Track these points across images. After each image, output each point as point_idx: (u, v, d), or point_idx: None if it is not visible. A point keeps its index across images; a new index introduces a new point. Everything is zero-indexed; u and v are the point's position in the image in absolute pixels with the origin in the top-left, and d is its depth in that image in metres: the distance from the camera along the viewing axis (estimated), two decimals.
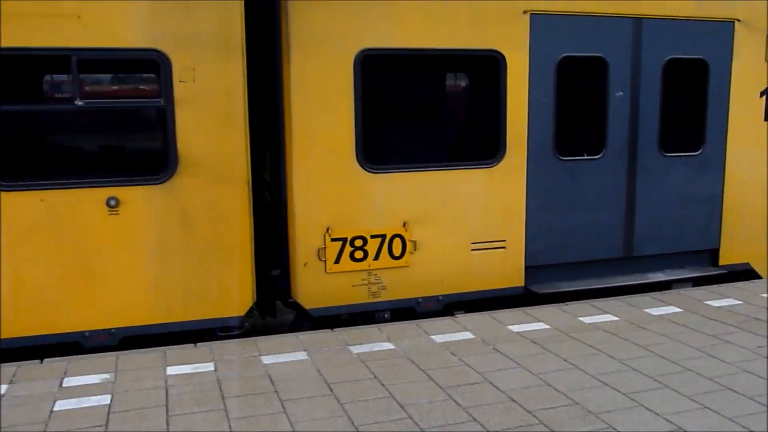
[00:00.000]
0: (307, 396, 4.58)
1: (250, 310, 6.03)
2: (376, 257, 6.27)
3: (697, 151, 7.30)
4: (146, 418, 4.26)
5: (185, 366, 5.10)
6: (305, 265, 6.09)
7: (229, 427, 4.13)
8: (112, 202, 5.49)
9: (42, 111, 5.84)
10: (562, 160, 6.76)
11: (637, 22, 6.84)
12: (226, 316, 5.91)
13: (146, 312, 5.71)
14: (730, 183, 7.49)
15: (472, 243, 6.57)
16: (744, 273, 7.73)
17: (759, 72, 7.41)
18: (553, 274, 6.99)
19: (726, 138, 7.38)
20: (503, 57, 6.37)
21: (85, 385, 4.76)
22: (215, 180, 5.72)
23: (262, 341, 5.61)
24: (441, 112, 6.82)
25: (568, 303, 6.56)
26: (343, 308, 6.27)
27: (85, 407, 4.41)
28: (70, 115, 5.49)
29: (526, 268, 6.82)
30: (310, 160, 5.96)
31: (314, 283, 6.14)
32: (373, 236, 6.23)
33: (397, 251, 6.32)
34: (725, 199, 7.51)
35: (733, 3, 7.16)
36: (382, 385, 4.75)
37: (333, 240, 6.12)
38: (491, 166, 6.50)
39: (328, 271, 6.14)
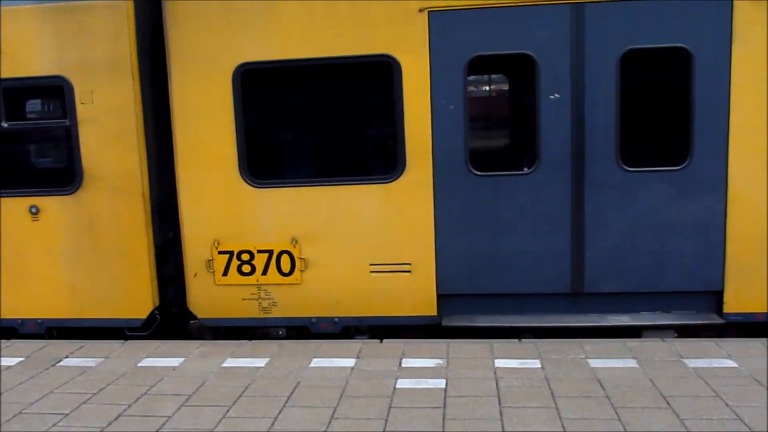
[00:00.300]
0: (642, 406, 4.40)
1: (152, 315, 6.46)
2: (264, 272, 6.20)
3: (680, 165, 5.69)
4: (480, 406, 4.46)
5: (512, 360, 5.25)
6: (195, 275, 6.32)
7: (563, 426, 4.13)
8: (33, 210, 6.39)
9: None
10: (479, 175, 5.85)
11: (578, 8, 5.59)
12: (130, 317, 6.43)
13: (66, 307, 6.51)
14: (739, 207, 5.67)
15: (371, 264, 6.08)
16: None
17: None
18: (479, 307, 6.10)
19: (727, 148, 5.61)
20: (397, 62, 5.77)
21: (421, 367, 5.16)
22: (115, 192, 6.27)
23: (588, 344, 5.54)
24: (330, 124, 6.38)
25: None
26: (235, 320, 6.34)
27: (423, 388, 4.77)
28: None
29: (441, 296, 6.07)
30: (196, 174, 6.16)
31: (205, 294, 6.33)
32: (260, 251, 6.18)
33: (285, 268, 6.17)
34: (730, 228, 5.71)
35: None
36: (727, 405, 4.39)
37: (220, 253, 6.23)
38: (389, 182, 5.94)
39: (217, 282, 6.28)
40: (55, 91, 6.26)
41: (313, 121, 6.38)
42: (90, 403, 4.82)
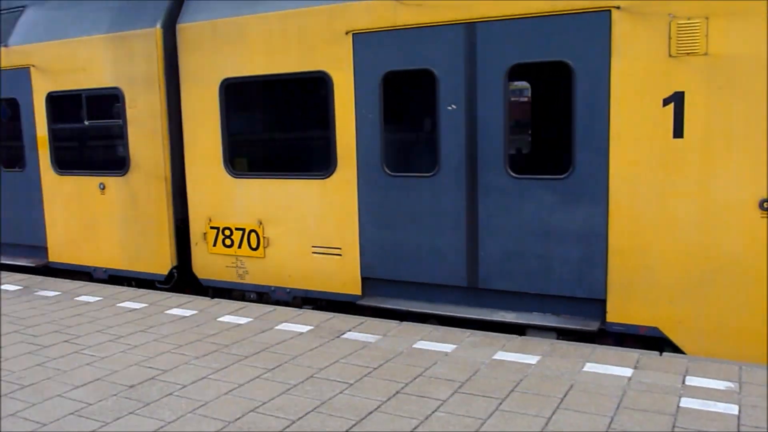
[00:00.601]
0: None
1: (171, 272, 8.32)
2: (239, 246, 7.70)
3: (562, 174, 5.92)
4: None
5: None
6: (196, 244, 8.03)
7: None
8: (101, 186, 8.63)
9: (70, 128, 9.16)
10: (391, 175, 6.67)
11: (470, 27, 6.11)
12: (156, 272, 8.39)
13: (119, 260, 8.69)
14: (620, 218, 5.74)
15: (312, 246, 7.24)
16: (655, 341, 5.78)
17: (661, 73, 5.43)
18: (396, 291, 6.91)
19: (608, 160, 5.71)
20: (330, 77, 6.82)
21: (709, 388, 4.74)
22: (148, 176, 8.24)
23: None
24: (286, 128, 7.50)
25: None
26: (221, 283, 7.93)
27: (712, 411, 4.37)
28: (83, 130, 8.82)
29: (364, 278, 7.01)
30: (196, 165, 7.86)
31: (202, 259, 8.02)
32: (237, 229, 7.69)
33: (254, 244, 7.60)
34: (612, 239, 5.79)
35: None
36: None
37: (211, 228, 7.87)
38: (325, 178, 7.03)
39: (209, 251, 7.93)
40: (115, 99, 8.38)
41: (272, 124, 7.67)
42: (371, 376, 5.08)
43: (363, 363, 5.37)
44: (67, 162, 8.97)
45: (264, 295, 7.74)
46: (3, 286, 8.34)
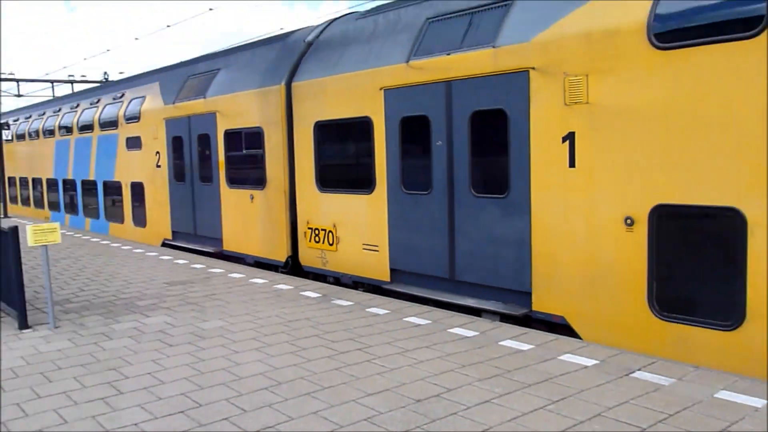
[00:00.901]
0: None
1: (287, 260, 11.52)
2: (322, 242, 10.59)
3: (503, 195, 7.76)
4: None
5: None
6: (300, 240, 11.13)
7: None
8: (251, 197, 12.21)
9: (236, 155, 12.71)
10: (406, 193, 9.01)
11: (448, 84, 8.24)
12: (279, 260, 11.67)
13: (260, 250, 12.17)
14: (538, 230, 7.42)
15: (363, 244, 9.84)
16: (565, 327, 7.32)
17: (560, 117, 7.06)
18: (411, 279, 9.19)
19: (529, 184, 7.44)
20: (371, 120, 9.42)
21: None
22: (276, 190, 11.59)
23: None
24: (349, 156, 10.07)
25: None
26: (313, 269, 10.90)
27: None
28: (242, 157, 12.42)
29: (392, 269, 9.42)
30: (300, 182, 10.97)
31: (304, 251, 11.08)
32: (321, 229, 10.60)
33: (331, 240, 10.44)
34: (534, 246, 7.48)
35: (527, 53, 7.31)
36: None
37: (308, 228, 10.89)
38: (369, 194, 9.61)
39: (307, 245, 10.96)
40: (259, 135, 11.88)
41: (341, 154, 10.41)
42: (666, 423, 4.71)
43: (656, 407, 5.00)
44: (232, 178, 12.74)
45: (337, 279, 10.53)
46: (306, 293, 9.35)
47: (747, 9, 5.71)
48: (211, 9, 29.61)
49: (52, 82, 45.69)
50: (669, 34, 6.20)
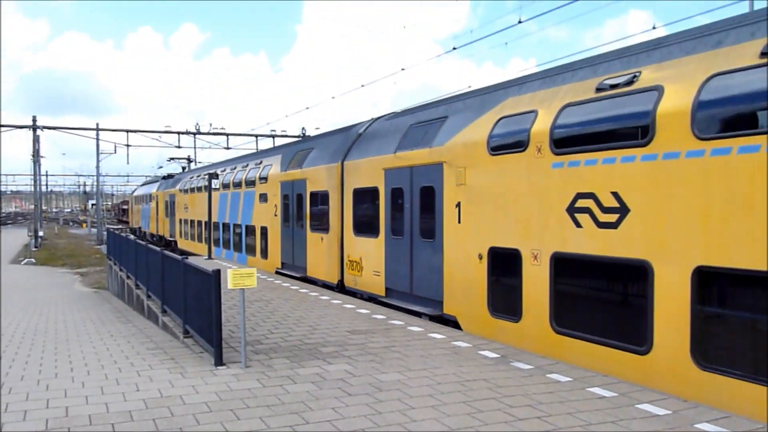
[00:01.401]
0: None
1: (338, 283, 16.62)
2: (354, 269, 15.60)
3: (433, 239, 12.31)
4: None
5: None
6: (344, 268, 16.23)
7: None
8: (322, 239, 17.58)
9: (319, 209, 18.11)
10: (393, 237, 13.81)
11: (411, 169, 13.04)
12: (333, 281, 16.83)
13: (326, 275, 17.42)
14: (447, 260, 11.89)
15: (373, 271, 14.70)
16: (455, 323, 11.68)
17: (455, 192, 11.60)
18: (395, 295, 13.87)
19: (443, 233, 11.96)
20: (378, 189, 14.40)
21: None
22: (334, 234, 16.87)
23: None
24: (368, 212, 14.98)
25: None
26: (350, 288, 15.89)
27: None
28: (321, 210, 17.84)
29: (387, 288, 14.17)
30: (346, 229, 16.14)
31: (347, 276, 16.15)
32: (354, 261, 15.63)
33: (359, 268, 15.41)
34: (445, 270, 11.94)
35: (442, 152, 11.97)
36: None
37: (349, 261, 15.97)
38: (377, 238, 14.51)
39: (348, 272, 16.03)
40: (326, 195, 17.27)
41: (364, 210, 15.38)
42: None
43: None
44: (314, 226, 18.22)
45: (363, 295, 15.42)
46: (483, 352, 9.20)
47: (522, 137, 10.02)
48: (403, 69, 32.69)
49: (256, 136, 53.02)
50: (494, 147, 10.64)
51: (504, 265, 10.53)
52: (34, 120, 51.30)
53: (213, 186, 27.03)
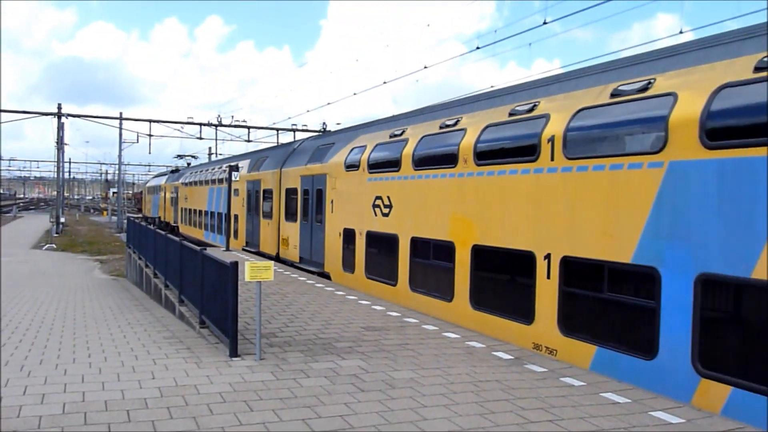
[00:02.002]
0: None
1: (276, 254, 19.14)
2: (284, 244, 20.73)
3: (321, 223, 16.57)
4: None
5: None
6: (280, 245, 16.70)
7: None
8: (268, 224, 18.08)
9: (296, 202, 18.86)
10: (303, 222, 18.00)
11: (313, 177, 18.89)
12: (273, 253, 19.40)
13: (267, 249, 20.71)
14: (326, 237, 17.35)
15: (293, 245, 18.53)
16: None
17: (332, 194, 17.20)
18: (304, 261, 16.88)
19: (325, 219, 17.19)
20: (297, 189, 19.63)
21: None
22: (275, 219, 20.37)
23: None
24: (289, 205, 18.17)
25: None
26: (283, 258, 19.46)
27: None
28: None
29: (300, 257, 18.12)
30: (280, 217, 18.63)
31: (281, 250, 20.38)
32: (284, 239, 19.55)
33: (286, 244, 20.75)
34: (325, 243, 17.57)
35: (327, 167, 17.51)
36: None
37: (282, 239, 19.10)
38: (295, 223, 17.61)
39: (281, 248, 20.05)
40: (270, 193, 18.10)
41: (289, 204, 19.28)
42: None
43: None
44: (265, 214, 21.85)
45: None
46: (497, 353, 9.07)
47: (357, 161, 14.02)
48: (425, 66, 31.02)
49: (277, 130, 52.93)
50: (347, 165, 16.24)
51: (349, 239, 16.22)
52: (59, 108, 51.98)
53: (203, 180, 32.79)
